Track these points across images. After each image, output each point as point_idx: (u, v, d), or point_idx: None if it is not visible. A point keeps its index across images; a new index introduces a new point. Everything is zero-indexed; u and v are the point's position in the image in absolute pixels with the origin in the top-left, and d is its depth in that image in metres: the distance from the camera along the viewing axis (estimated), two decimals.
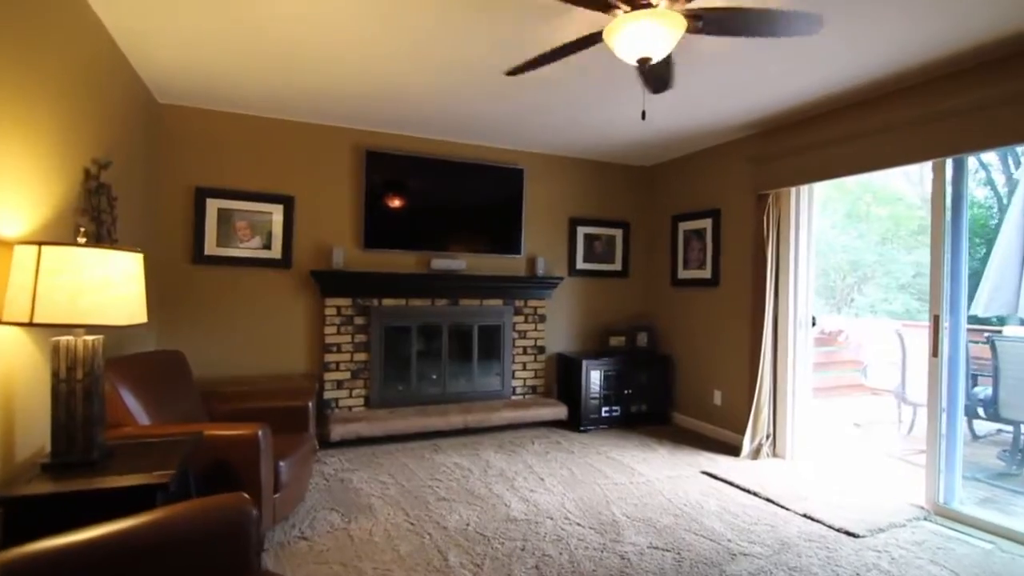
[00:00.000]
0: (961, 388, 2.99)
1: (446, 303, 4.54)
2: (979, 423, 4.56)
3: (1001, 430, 4.05)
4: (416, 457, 3.81)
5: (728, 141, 4.36)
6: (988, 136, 2.72)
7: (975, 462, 3.89)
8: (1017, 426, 3.63)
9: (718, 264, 4.47)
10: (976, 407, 3.74)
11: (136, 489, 1.61)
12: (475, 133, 4.37)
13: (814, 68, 2.96)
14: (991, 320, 5.22)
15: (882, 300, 12.45)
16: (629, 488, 3.32)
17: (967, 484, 3.12)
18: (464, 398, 4.60)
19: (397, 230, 4.40)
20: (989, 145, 2.76)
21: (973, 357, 3.85)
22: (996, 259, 3.78)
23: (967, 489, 3.09)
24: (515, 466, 3.67)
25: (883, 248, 12.54)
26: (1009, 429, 3.72)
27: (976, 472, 3.68)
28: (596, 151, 4.85)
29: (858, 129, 3.30)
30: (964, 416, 3.32)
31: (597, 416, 4.62)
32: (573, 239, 5.04)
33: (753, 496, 3.21)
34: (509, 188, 4.73)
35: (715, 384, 4.48)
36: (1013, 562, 2.48)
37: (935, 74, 2.95)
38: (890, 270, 12.58)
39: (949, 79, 2.92)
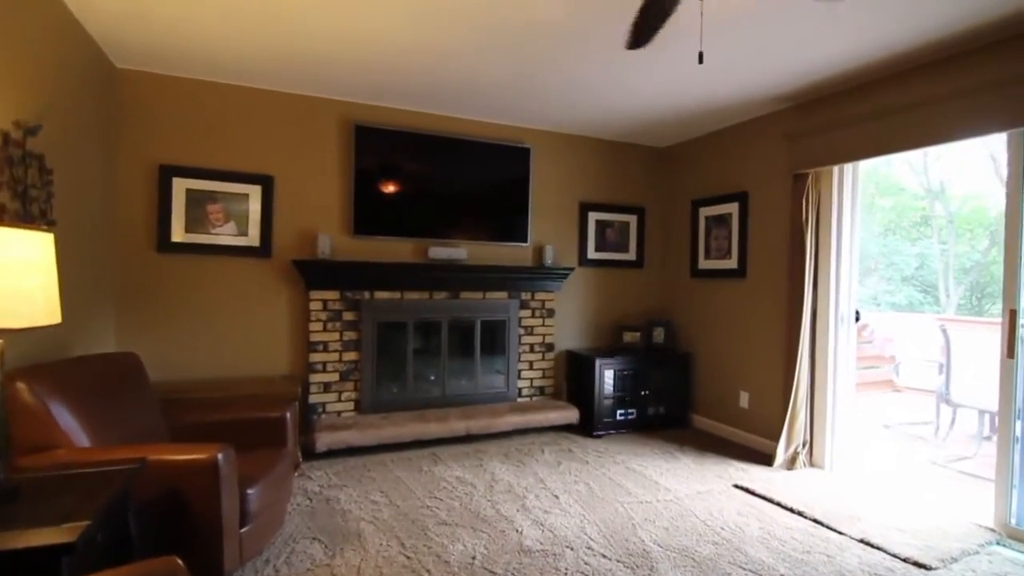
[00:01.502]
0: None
1: (445, 296, 4.11)
2: None
3: None
4: (413, 469, 3.40)
5: (758, 116, 3.93)
6: None
7: None
8: None
9: (745, 253, 4.06)
10: None
11: (31, 553, 1.18)
12: (477, 106, 3.92)
13: (863, 26, 2.54)
14: None
15: (885, 292, 12.20)
16: (656, 507, 2.92)
17: None
18: (465, 401, 4.18)
19: (390, 215, 3.96)
20: None
21: None
22: None
23: None
24: (525, 480, 3.26)
25: (886, 240, 12.28)
26: None
27: None
28: (608, 129, 4.41)
29: (918, 96, 2.88)
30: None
31: (611, 420, 4.22)
32: (584, 226, 4.62)
33: (798, 516, 2.82)
34: (514, 169, 4.29)
35: (741, 385, 4.08)
36: None
37: (1017, 30, 2.53)
38: (893, 262, 12.31)
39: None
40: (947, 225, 11.68)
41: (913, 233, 12.11)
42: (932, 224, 11.92)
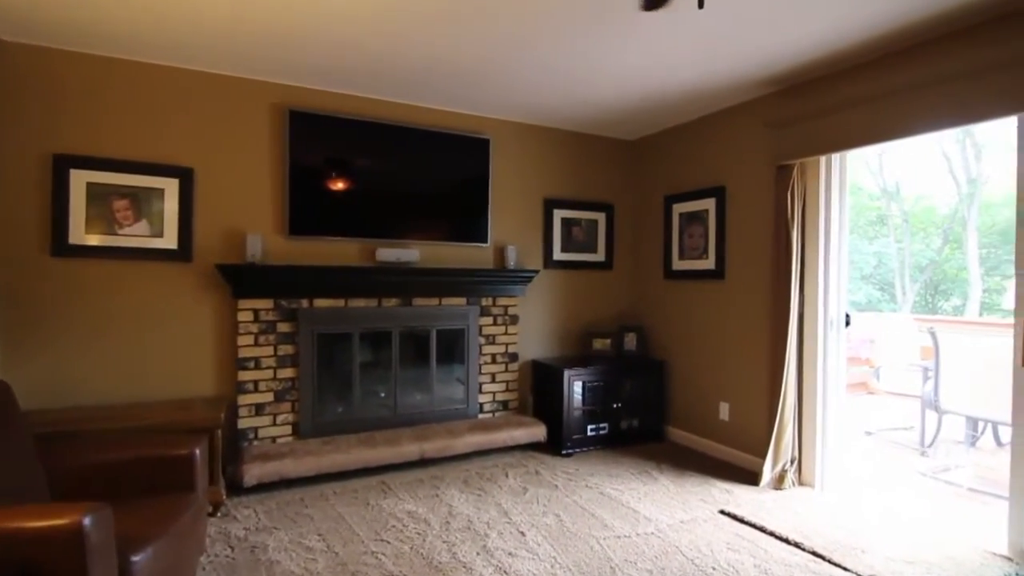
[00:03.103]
0: None
1: (396, 303, 3.66)
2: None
3: None
4: (358, 504, 2.94)
5: (737, 104, 3.63)
6: None
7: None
8: None
9: (723, 252, 3.76)
10: None
11: None
12: (431, 92, 3.50)
13: (853, 2, 2.25)
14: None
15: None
16: (636, 543, 2.55)
17: None
18: (420, 419, 3.74)
19: (332, 213, 3.49)
20: None
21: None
22: None
23: None
24: (486, 513, 2.85)
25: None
26: None
27: None
28: (575, 120, 4.05)
29: (915, 78, 2.61)
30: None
31: (582, 436, 3.85)
32: (549, 224, 4.24)
33: (796, 549, 2.49)
34: (473, 162, 3.89)
35: (721, 396, 3.77)
36: None
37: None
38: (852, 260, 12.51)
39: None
40: (902, 224, 11.89)
41: (870, 232, 12.29)
42: (888, 223, 12.12)
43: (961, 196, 10.72)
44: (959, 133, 9.95)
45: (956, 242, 10.89)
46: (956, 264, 11.02)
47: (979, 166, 10.33)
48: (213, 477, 2.82)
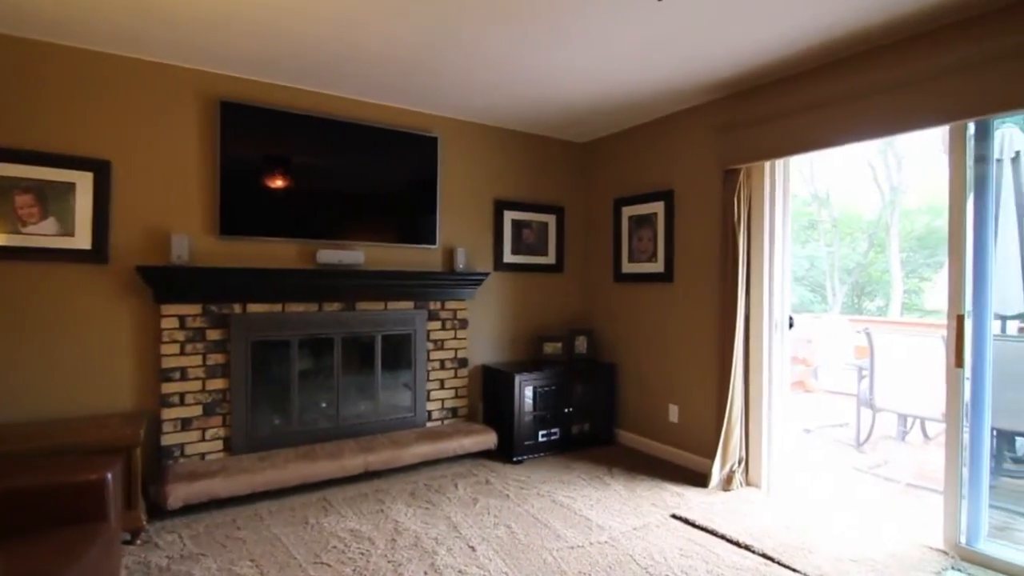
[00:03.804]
0: (988, 402, 2.45)
1: (339, 308, 3.47)
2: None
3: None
4: (296, 523, 2.74)
5: (685, 108, 3.65)
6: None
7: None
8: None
9: (672, 255, 3.78)
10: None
11: None
12: (377, 86, 3.33)
13: (802, 7, 2.29)
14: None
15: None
16: (590, 553, 2.48)
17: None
18: (365, 430, 3.56)
19: (269, 211, 3.27)
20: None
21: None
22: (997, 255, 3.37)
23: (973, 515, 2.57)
24: (435, 528, 2.71)
25: None
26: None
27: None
28: (525, 120, 3.98)
29: (858, 87, 2.68)
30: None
31: (533, 442, 3.77)
32: (500, 226, 4.15)
33: (746, 552, 2.50)
34: (421, 161, 3.74)
35: (671, 398, 3.79)
36: None
37: (962, 15, 2.37)
38: None
39: (981, 20, 2.35)
40: (832, 229, 12.56)
41: (803, 236, 12.91)
42: (819, 228, 12.77)
43: (884, 203, 11.42)
44: (882, 144, 10.59)
45: (880, 246, 11.58)
46: (880, 267, 11.71)
47: (900, 175, 11.03)
48: (132, 501, 2.56)
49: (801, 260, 12.74)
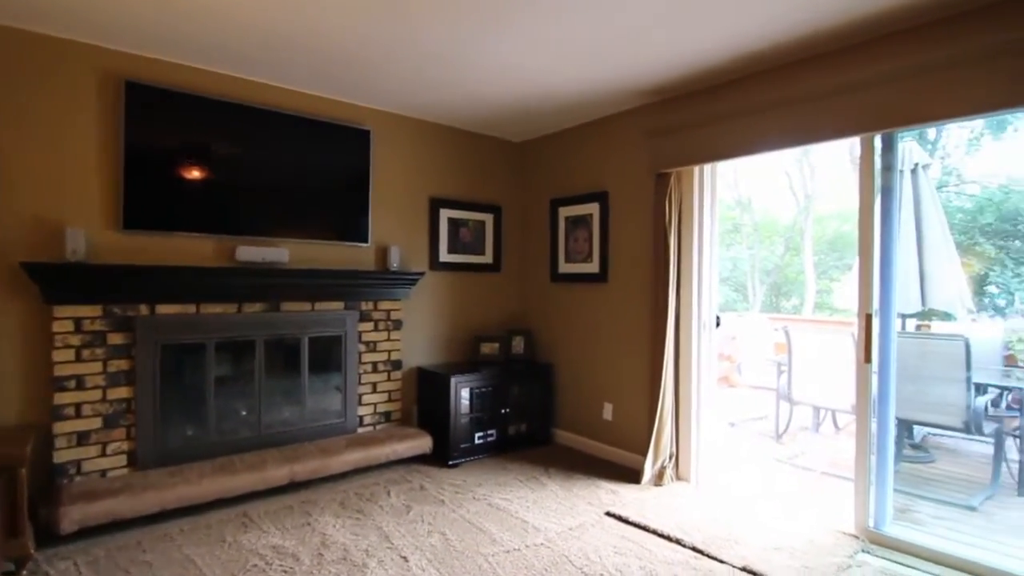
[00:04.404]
0: (892, 395, 2.63)
1: (261, 308, 3.26)
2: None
3: None
4: (212, 542, 2.54)
5: (620, 111, 3.71)
6: (928, 107, 2.34)
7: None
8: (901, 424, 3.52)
9: (606, 256, 3.83)
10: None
11: None
12: (307, 74, 3.15)
13: (728, 17, 2.39)
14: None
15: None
16: (525, 556, 2.45)
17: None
18: (290, 438, 3.36)
19: (183, 205, 3.02)
20: (927, 118, 2.37)
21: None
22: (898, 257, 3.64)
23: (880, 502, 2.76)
24: (365, 539, 2.59)
25: None
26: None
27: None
28: (462, 117, 3.91)
29: (780, 97, 2.81)
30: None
31: (469, 444, 3.71)
32: (436, 224, 4.05)
33: (677, 545, 2.55)
34: (352, 156, 3.59)
35: (605, 396, 3.83)
36: None
37: (871, 34, 2.52)
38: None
39: (887, 40, 2.51)
40: (753, 233, 13.31)
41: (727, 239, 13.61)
42: (741, 231, 13.50)
43: (799, 209, 12.21)
44: (798, 153, 11.32)
45: (795, 249, 12.38)
46: (795, 269, 12.51)
47: (813, 183, 11.83)
48: (16, 527, 2.27)
49: (725, 262, 13.41)
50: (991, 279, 8.36)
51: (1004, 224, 8.22)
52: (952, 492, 3.24)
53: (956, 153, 9.28)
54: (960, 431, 3.26)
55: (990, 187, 8.63)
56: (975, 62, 2.21)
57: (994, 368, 3.83)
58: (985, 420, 3.19)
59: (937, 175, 8.75)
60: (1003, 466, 3.31)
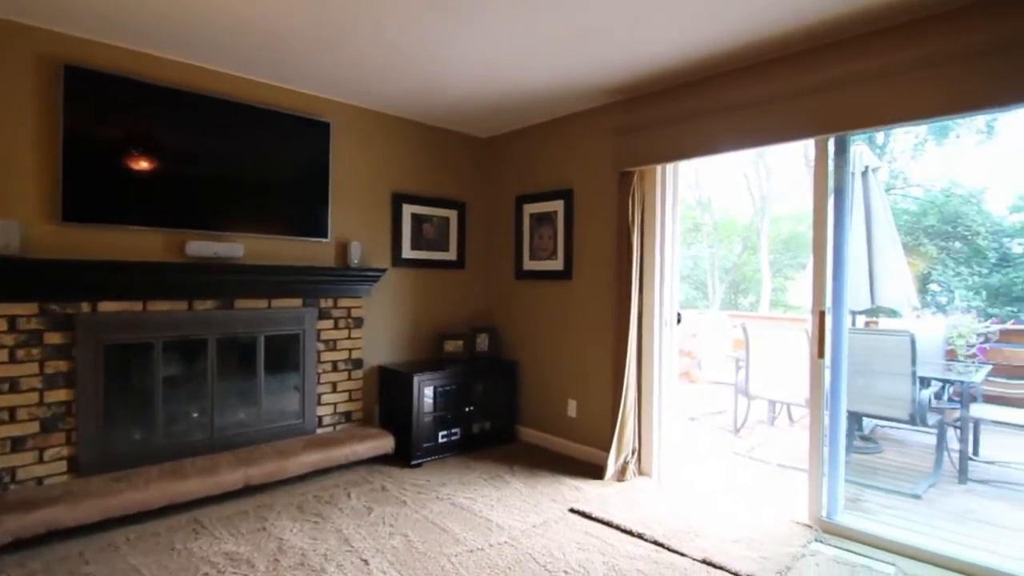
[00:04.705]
0: (844, 388, 2.72)
1: (213, 306, 3.13)
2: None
3: None
4: (160, 550, 2.42)
5: (586, 109, 3.72)
6: (878, 112, 2.42)
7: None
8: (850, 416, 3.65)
9: (571, 254, 3.84)
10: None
11: None
12: (264, 63, 3.03)
13: (685, 22, 2.43)
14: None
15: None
16: (489, 555, 2.43)
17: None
18: (245, 440, 3.25)
19: (129, 196, 2.86)
20: (877, 122, 2.46)
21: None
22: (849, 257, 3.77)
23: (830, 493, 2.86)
24: (324, 543, 2.52)
25: None
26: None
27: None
28: (426, 111, 3.85)
29: (739, 99, 2.87)
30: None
31: (432, 444, 3.66)
32: (398, 220, 3.98)
33: (639, 540, 2.58)
34: (312, 148, 3.48)
35: (569, 393, 3.85)
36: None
37: (825, 39, 2.60)
38: None
39: (840, 45, 2.59)
40: (713, 232, 13.65)
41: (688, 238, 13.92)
42: (702, 231, 13.83)
43: (756, 210, 12.59)
44: (755, 156, 11.66)
45: (752, 249, 12.75)
46: (752, 267, 12.89)
47: (769, 185, 12.21)
48: None
49: (686, 260, 13.72)
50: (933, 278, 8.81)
51: (945, 226, 8.67)
52: (898, 481, 3.39)
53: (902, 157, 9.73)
54: (906, 423, 3.41)
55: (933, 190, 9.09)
56: (923, 69, 2.29)
57: (937, 362, 4.02)
58: (929, 412, 3.34)
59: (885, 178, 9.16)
60: (945, 455, 3.47)
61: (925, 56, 2.29)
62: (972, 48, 2.19)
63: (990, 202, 8.48)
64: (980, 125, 8.48)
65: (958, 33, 2.24)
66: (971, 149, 8.84)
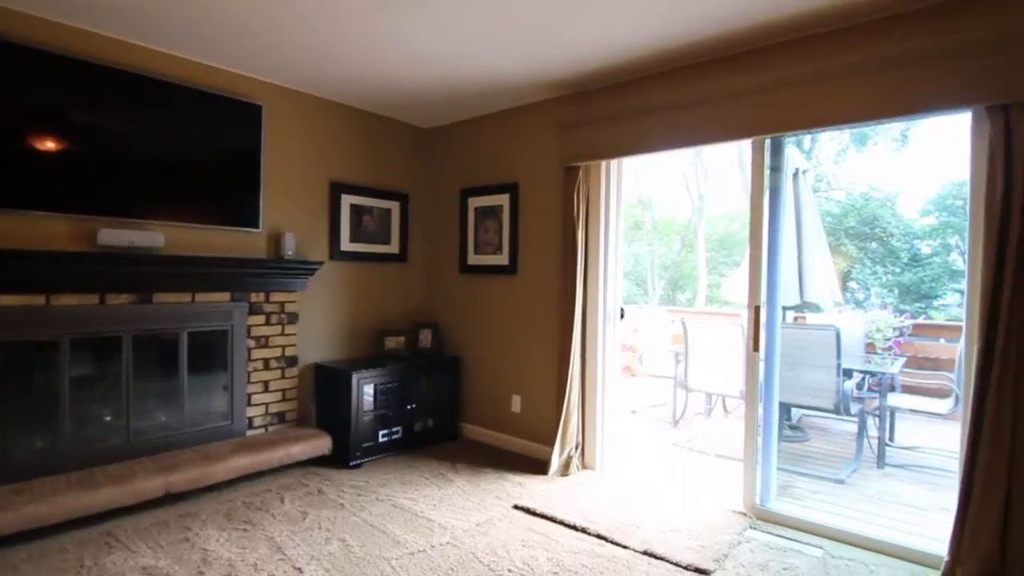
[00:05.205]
0: (777, 380, 2.83)
1: (129, 299, 2.88)
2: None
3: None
4: (67, 568, 2.20)
5: (532, 103, 3.68)
6: (814, 115, 2.52)
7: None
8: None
9: (516, 248, 3.80)
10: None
11: None
12: (190, 38, 2.80)
13: (629, 19, 2.45)
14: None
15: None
16: (431, 557, 2.36)
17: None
18: (167, 444, 3.01)
19: (28, 178, 2.58)
20: (812, 125, 2.55)
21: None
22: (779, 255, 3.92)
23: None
24: (254, 552, 2.37)
25: None
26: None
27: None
28: (366, 98, 3.70)
29: (682, 98, 2.92)
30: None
31: (373, 443, 3.54)
32: (336, 211, 3.81)
33: (583, 534, 2.58)
34: (242, 132, 3.26)
35: (514, 389, 3.82)
36: (850, 570, 2.30)
37: (759, 43, 2.68)
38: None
39: (776, 50, 2.67)
40: (652, 230, 14.04)
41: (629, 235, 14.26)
42: (643, 228, 14.19)
43: (693, 209, 13.04)
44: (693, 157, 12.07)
45: (690, 246, 13.21)
46: (689, 264, 13.35)
47: (706, 185, 12.67)
48: None
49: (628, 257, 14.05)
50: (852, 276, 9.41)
51: (864, 227, 9.28)
52: (824, 467, 3.57)
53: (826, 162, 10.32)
54: (831, 412, 3.60)
55: (853, 194, 9.71)
56: (852, 76, 2.40)
57: (858, 355, 4.27)
58: (852, 401, 3.53)
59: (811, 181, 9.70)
60: (865, 442, 3.69)
61: (853, 64, 2.40)
62: (893, 59, 2.31)
63: (903, 206, 9.14)
64: (895, 134, 9.11)
65: (881, 44, 2.36)
66: (887, 156, 9.48)
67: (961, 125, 3.18)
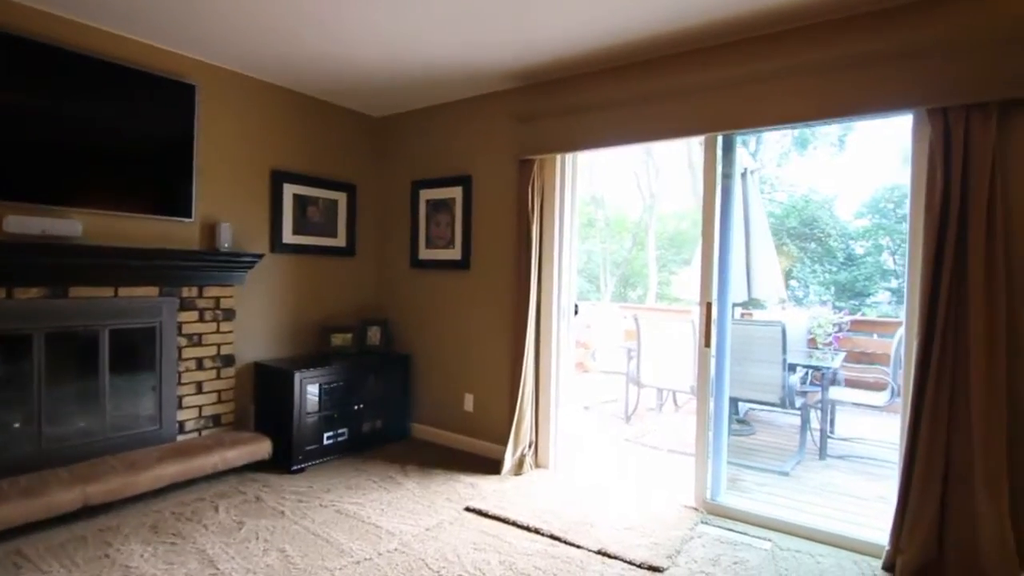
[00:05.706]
0: (727, 376, 2.85)
1: (40, 294, 2.61)
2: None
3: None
4: None
5: (486, 93, 3.59)
6: (765, 114, 2.55)
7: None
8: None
9: (469, 243, 3.70)
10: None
11: None
12: (115, 9, 2.55)
13: (593, 7, 2.40)
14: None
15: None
16: (378, 566, 2.25)
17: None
18: (87, 452, 2.76)
19: None
20: (763, 123, 2.58)
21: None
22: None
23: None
24: (182, 568, 2.19)
25: None
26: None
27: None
28: (312, 82, 3.51)
29: (636, 93, 2.90)
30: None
31: (317, 446, 3.37)
32: (278, 201, 3.60)
33: (536, 535, 2.52)
34: (173, 114, 3.02)
35: (466, 387, 3.72)
36: (797, 561, 2.34)
37: (711, 42, 2.69)
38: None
39: (728, 48, 2.68)
40: (605, 228, 14.22)
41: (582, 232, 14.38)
42: (595, 226, 14.35)
43: (645, 207, 13.27)
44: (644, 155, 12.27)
45: (641, 244, 13.44)
46: (640, 262, 13.59)
47: (657, 183, 12.92)
48: None
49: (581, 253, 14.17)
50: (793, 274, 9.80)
51: (804, 228, 9.67)
52: (769, 460, 3.66)
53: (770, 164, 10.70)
54: (777, 406, 3.69)
55: (795, 195, 10.11)
56: (801, 76, 2.44)
57: (801, 350, 4.41)
58: (796, 395, 3.63)
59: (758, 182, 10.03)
60: (808, 435, 3.81)
61: (804, 65, 2.43)
62: (841, 60, 2.35)
63: (840, 208, 9.58)
64: (834, 139, 9.53)
65: (830, 46, 2.40)
66: (826, 160, 9.92)
67: (901, 129, 3.24)
